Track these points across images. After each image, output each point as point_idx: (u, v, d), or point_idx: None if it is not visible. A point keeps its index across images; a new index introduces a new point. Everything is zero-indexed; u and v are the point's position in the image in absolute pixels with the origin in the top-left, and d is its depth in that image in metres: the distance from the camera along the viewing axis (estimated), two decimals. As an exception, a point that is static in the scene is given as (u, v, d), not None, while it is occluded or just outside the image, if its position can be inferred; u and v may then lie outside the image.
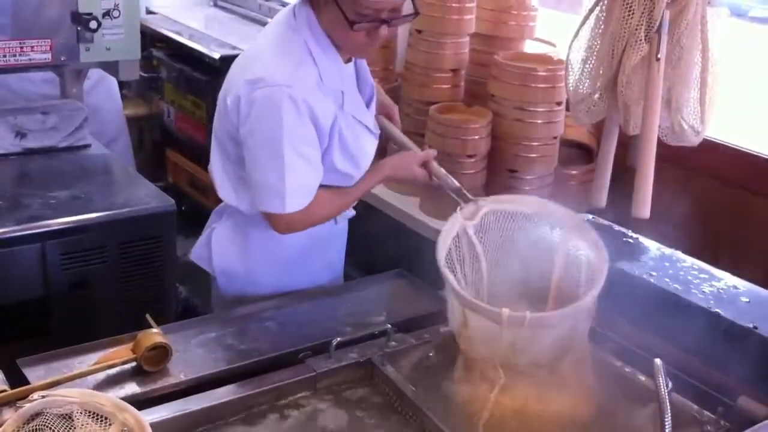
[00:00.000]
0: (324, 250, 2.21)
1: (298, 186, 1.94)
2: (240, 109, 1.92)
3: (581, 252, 1.82)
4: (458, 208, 1.91)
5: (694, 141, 2.26)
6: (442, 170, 2.12)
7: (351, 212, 2.24)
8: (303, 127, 1.91)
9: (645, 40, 2.11)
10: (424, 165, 2.12)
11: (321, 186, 2.00)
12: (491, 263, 1.84)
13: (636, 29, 2.11)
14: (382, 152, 2.36)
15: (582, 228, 1.86)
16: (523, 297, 1.80)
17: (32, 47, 2.79)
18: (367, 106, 2.11)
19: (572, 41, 2.29)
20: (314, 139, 1.95)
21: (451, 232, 1.83)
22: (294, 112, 1.88)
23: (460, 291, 1.71)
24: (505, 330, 1.64)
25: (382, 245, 2.69)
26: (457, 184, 2.07)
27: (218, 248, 2.16)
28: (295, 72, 1.91)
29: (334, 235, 2.24)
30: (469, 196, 1.99)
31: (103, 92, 3.61)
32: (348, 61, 2.05)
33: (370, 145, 2.11)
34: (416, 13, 1.98)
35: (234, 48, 3.94)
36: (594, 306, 1.73)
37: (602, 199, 2.38)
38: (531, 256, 1.84)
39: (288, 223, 1.99)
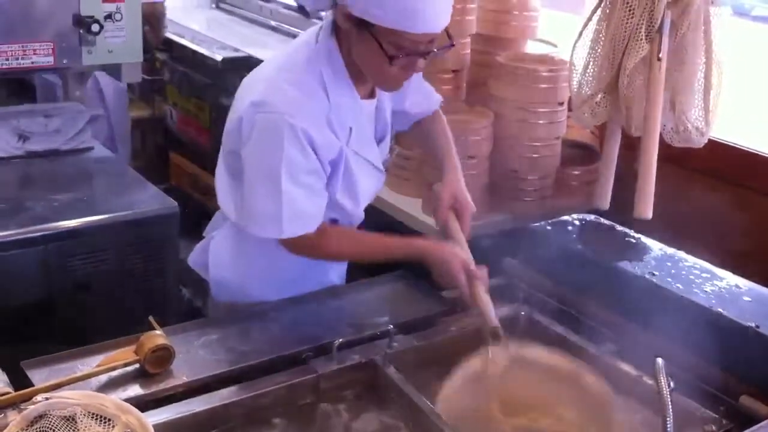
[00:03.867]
0: (323, 273, 2.17)
1: (294, 211, 1.89)
2: (242, 129, 1.89)
3: None
4: (488, 350, 1.77)
5: (699, 142, 2.25)
6: (488, 297, 1.87)
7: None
8: (303, 157, 1.86)
9: (646, 39, 2.11)
10: (468, 273, 1.89)
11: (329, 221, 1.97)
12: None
13: (636, 29, 2.11)
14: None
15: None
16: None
17: (35, 50, 2.80)
18: (378, 143, 2.07)
19: (575, 42, 2.30)
20: (316, 168, 1.90)
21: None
22: (294, 142, 1.84)
23: None
24: None
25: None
26: (496, 322, 1.82)
27: (215, 257, 2.14)
28: (303, 103, 1.86)
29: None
30: (501, 333, 1.80)
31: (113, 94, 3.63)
32: (367, 97, 2.00)
33: (372, 182, 2.07)
34: (452, 45, 1.89)
35: (236, 50, 3.95)
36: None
37: (606, 200, 2.38)
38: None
39: (294, 246, 1.96)
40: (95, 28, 2.84)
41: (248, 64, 3.74)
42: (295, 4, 4.50)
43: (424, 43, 1.81)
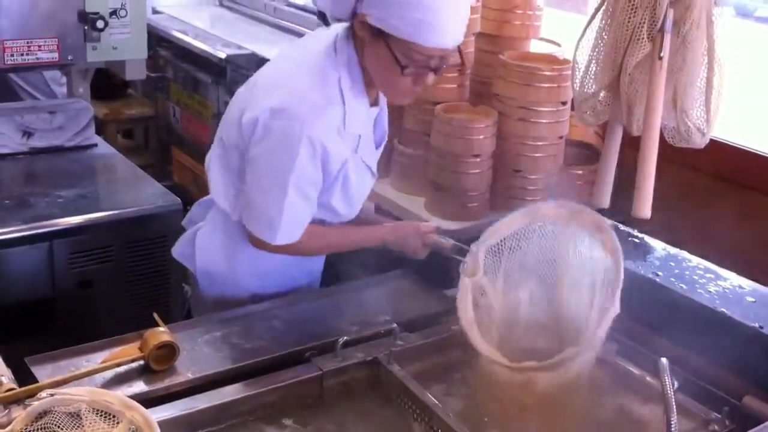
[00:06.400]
0: (303, 259, 2.20)
1: (292, 221, 1.94)
2: (255, 130, 1.90)
3: (587, 254, 1.76)
4: (461, 267, 1.83)
5: (700, 142, 2.25)
6: (436, 238, 2.09)
7: None
8: (312, 169, 1.90)
9: (648, 38, 2.11)
10: (423, 237, 2.10)
11: (315, 221, 2.01)
12: (513, 302, 1.80)
13: (638, 28, 2.11)
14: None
15: (582, 220, 1.79)
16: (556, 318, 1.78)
17: (40, 46, 2.80)
18: (377, 146, 2.11)
19: (578, 40, 2.30)
20: (319, 180, 1.94)
21: (466, 297, 1.78)
22: (309, 154, 1.87)
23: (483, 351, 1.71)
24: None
25: (387, 245, 2.69)
26: (450, 241, 2.05)
27: (202, 248, 2.14)
28: (322, 111, 1.88)
29: None
30: (465, 247, 1.93)
31: None
32: (374, 104, 2.03)
33: (367, 185, 2.12)
34: (462, 64, 1.94)
35: (240, 48, 3.95)
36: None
37: (606, 199, 2.38)
38: (547, 274, 1.79)
39: (271, 249, 2.01)
40: (100, 24, 2.85)
41: (252, 61, 3.74)
42: (298, 2, 4.51)
43: (436, 58, 1.84)
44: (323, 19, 2.04)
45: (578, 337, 1.67)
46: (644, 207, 2.15)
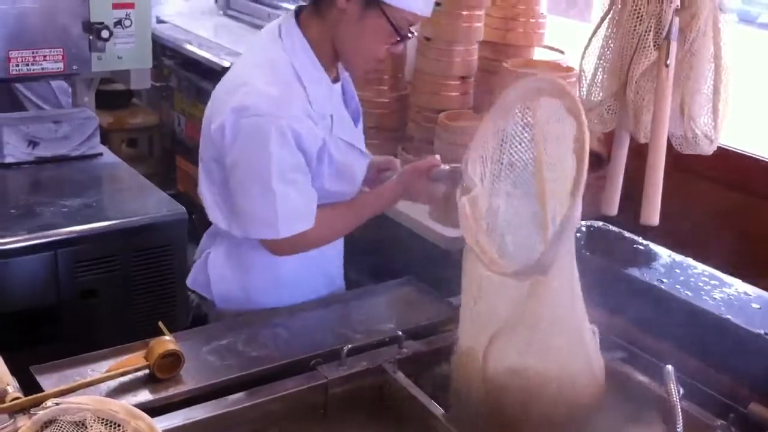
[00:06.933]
0: (320, 264, 2.17)
1: (289, 212, 1.91)
2: (225, 136, 1.90)
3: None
4: (458, 198, 1.74)
5: (708, 149, 2.25)
6: (437, 169, 2.03)
7: None
8: (290, 156, 1.89)
9: (654, 46, 2.12)
10: (427, 174, 2.03)
11: (319, 207, 1.99)
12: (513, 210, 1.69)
13: (644, 36, 2.11)
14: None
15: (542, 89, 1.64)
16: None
17: (45, 56, 2.82)
18: (355, 123, 2.10)
19: (585, 48, 2.30)
20: (301, 163, 1.92)
21: (467, 226, 1.68)
22: (281, 142, 1.86)
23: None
24: None
25: (392, 253, 2.69)
26: (448, 166, 2.00)
27: (215, 273, 2.12)
28: (282, 99, 1.88)
29: (328, 246, 2.17)
30: (458, 166, 1.84)
31: None
32: (335, 80, 2.04)
33: (361, 165, 2.10)
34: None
35: (244, 57, 3.95)
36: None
37: (614, 207, 2.38)
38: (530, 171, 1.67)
39: (287, 247, 1.99)
40: (105, 34, 2.86)
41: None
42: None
43: (412, 27, 1.93)
44: None
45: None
46: (652, 214, 2.15)
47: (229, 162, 1.93)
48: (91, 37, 2.87)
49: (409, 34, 1.94)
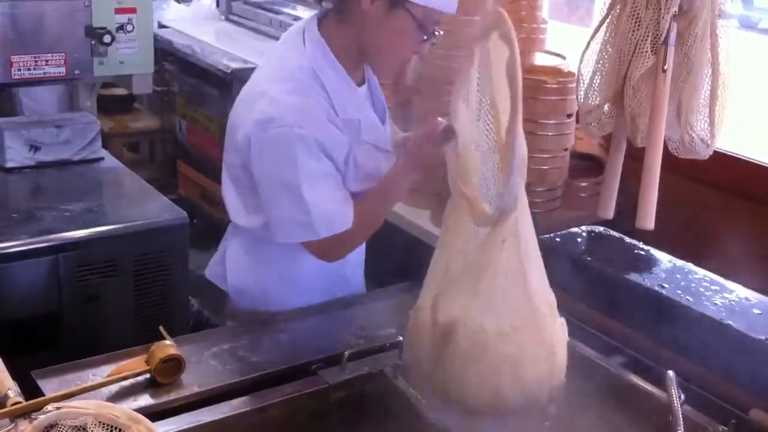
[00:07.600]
0: (338, 268, 2.15)
1: (324, 213, 1.90)
2: (252, 147, 1.90)
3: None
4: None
5: (705, 154, 2.26)
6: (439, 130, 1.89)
7: None
8: (318, 163, 1.89)
9: (651, 51, 2.12)
10: (429, 139, 1.91)
11: None
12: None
13: (642, 40, 2.12)
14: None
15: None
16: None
17: (47, 61, 2.82)
18: (382, 122, 2.09)
19: (583, 52, 2.30)
20: (330, 169, 1.92)
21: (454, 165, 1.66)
22: (306, 150, 1.86)
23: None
24: None
25: (393, 258, 2.69)
26: (443, 122, 1.86)
27: (232, 266, 2.13)
28: (307, 109, 1.88)
29: None
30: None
31: None
32: (361, 83, 2.03)
33: (387, 166, 2.07)
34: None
35: (245, 62, 3.96)
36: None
37: (610, 210, 2.38)
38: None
39: (333, 248, 1.98)
40: (107, 39, 2.86)
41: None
42: (303, 16, 4.52)
43: (437, 26, 1.91)
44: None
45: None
46: (647, 218, 2.15)
47: (257, 173, 1.93)
48: (93, 42, 2.87)
49: (435, 32, 1.92)
